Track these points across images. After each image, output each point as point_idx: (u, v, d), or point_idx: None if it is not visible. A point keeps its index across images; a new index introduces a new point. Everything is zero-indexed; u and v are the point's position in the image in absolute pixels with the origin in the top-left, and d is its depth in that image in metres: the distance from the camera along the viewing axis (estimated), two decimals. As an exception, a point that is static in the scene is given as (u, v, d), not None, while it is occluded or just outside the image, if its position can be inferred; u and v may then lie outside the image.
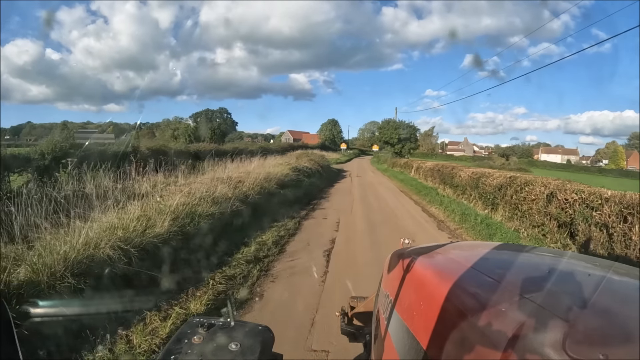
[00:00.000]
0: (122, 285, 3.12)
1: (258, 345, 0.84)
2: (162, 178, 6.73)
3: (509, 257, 1.27)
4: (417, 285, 1.05)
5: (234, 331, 0.88)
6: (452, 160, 41.04)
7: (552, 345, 0.58)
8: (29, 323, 1.87)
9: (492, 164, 39.67)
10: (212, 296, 3.54)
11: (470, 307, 0.81)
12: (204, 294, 3.54)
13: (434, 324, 0.82)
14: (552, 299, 0.75)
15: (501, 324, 0.69)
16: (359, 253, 5.52)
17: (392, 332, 1.05)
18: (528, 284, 0.85)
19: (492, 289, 0.86)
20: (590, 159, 69.59)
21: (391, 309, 1.09)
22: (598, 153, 72.32)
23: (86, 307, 2.65)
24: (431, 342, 0.81)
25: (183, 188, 5.85)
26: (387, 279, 1.31)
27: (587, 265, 1.09)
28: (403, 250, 1.36)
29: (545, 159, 66.60)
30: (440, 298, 0.86)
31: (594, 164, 64.93)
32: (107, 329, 2.61)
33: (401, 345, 0.96)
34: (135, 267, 3.31)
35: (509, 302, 0.77)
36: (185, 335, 0.85)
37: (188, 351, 0.80)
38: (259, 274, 4.32)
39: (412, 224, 8.13)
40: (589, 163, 66.35)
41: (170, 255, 3.79)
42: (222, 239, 4.99)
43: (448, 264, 1.18)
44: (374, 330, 1.34)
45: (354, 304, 1.93)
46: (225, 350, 0.81)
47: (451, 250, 1.37)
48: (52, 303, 2.41)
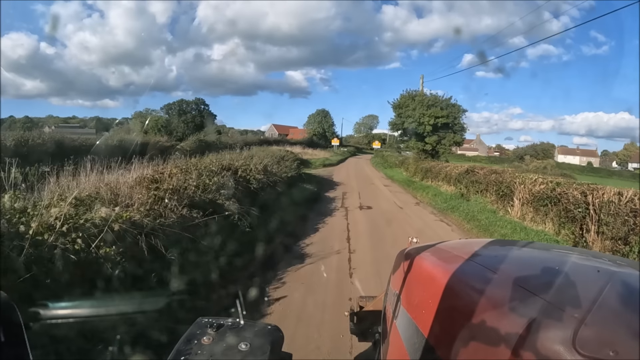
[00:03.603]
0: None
1: (268, 345, 0.84)
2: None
3: (518, 254, 1.23)
4: (426, 283, 1.04)
5: (243, 331, 0.88)
6: (464, 161, 33.18)
7: (562, 342, 0.58)
8: (39, 325, 1.75)
9: (526, 167, 32.54)
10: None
11: (479, 305, 0.78)
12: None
13: (442, 322, 0.83)
14: (562, 295, 0.74)
15: (511, 321, 0.68)
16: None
17: (401, 330, 1.04)
18: (537, 280, 0.85)
19: (501, 286, 0.84)
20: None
21: (400, 307, 1.10)
22: (616, 155, 67.42)
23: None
24: (440, 340, 0.81)
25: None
26: (396, 278, 1.31)
27: (596, 261, 1.07)
28: (411, 249, 1.35)
29: (563, 161, 60.69)
30: (448, 296, 0.86)
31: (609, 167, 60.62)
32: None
33: (410, 344, 0.95)
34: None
35: (518, 299, 0.75)
36: (194, 336, 0.85)
37: (198, 352, 0.81)
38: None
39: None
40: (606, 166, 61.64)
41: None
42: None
43: (456, 262, 1.07)
44: (382, 329, 1.34)
45: (363, 303, 1.92)
46: (235, 350, 0.81)
47: (459, 247, 1.33)
48: (63, 305, 2.14)
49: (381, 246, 5.88)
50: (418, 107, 18.73)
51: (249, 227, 5.26)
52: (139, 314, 2.40)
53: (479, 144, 61.52)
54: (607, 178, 40.11)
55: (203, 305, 3.24)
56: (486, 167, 11.36)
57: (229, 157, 8.78)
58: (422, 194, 12.41)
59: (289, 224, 6.33)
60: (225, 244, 4.45)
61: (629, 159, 64.07)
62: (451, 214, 9.15)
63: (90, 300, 2.55)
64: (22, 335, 0.63)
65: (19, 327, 0.63)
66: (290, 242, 5.75)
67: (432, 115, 18.27)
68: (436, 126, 18.53)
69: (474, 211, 8.79)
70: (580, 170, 49.05)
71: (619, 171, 54.17)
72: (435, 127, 18.52)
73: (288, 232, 6.02)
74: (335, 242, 6.11)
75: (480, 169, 11.11)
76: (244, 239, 4.97)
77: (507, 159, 53.30)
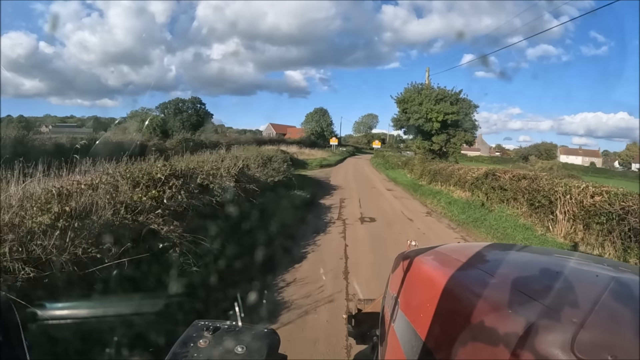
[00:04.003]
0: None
1: (265, 348, 0.83)
2: None
3: (516, 258, 1.22)
4: (424, 286, 1.04)
5: (240, 334, 0.87)
6: (466, 161, 31.64)
7: (561, 347, 0.58)
8: (36, 326, 1.71)
9: (531, 167, 31.05)
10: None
11: (477, 308, 0.77)
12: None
13: (440, 325, 0.82)
14: (561, 299, 0.73)
15: (509, 325, 0.67)
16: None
17: (398, 333, 1.04)
18: (535, 284, 0.84)
19: (500, 290, 0.84)
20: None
21: (398, 310, 1.09)
22: (619, 156, 66.57)
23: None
24: (438, 343, 0.81)
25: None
26: (394, 281, 1.30)
27: (595, 266, 1.05)
28: (409, 252, 1.33)
29: (565, 161, 59.73)
30: (446, 299, 0.86)
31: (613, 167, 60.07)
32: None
33: (408, 347, 0.95)
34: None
35: (516, 303, 0.75)
36: (190, 339, 0.85)
37: (194, 355, 0.80)
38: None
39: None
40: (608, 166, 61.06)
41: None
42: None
43: (455, 265, 1.06)
44: (380, 331, 1.34)
45: (361, 306, 1.93)
46: (231, 354, 0.81)
47: (458, 251, 1.30)
48: (61, 305, 2.11)
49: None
50: (425, 102, 16.53)
51: (196, 265, 3.46)
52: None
53: (481, 143, 59.84)
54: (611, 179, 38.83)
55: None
56: (509, 170, 9.61)
57: (197, 160, 6.98)
58: (432, 201, 10.64)
59: (263, 251, 4.52)
60: (142, 303, 2.65)
61: (632, 159, 63.49)
62: (475, 230, 7.38)
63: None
64: (19, 336, 0.63)
65: (16, 327, 0.63)
66: (260, 283, 3.95)
67: (441, 111, 16.11)
68: (445, 123, 16.45)
69: (504, 227, 7.04)
70: (585, 171, 47.74)
71: (623, 172, 53.07)
72: (444, 124, 16.44)
73: (259, 266, 4.21)
74: (328, 280, 4.31)
75: (503, 172, 9.37)
76: (181, 286, 3.15)
77: (510, 159, 51.85)
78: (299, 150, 29.39)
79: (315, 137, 45.39)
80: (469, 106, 16.77)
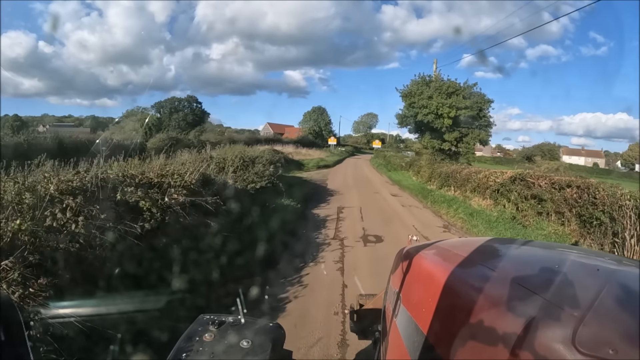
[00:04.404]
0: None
1: (269, 343, 0.83)
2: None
3: (518, 253, 1.19)
4: (426, 281, 1.03)
5: (244, 329, 0.87)
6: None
7: (562, 341, 0.57)
8: (39, 325, 1.73)
9: (537, 168, 29.58)
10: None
11: (479, 303, 0.77)
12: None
13: (442, 320, 0.82)
14: (562, 294, 0.73)
15: (510, 320, 0.67)
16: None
17: (401, 328, 1.04)
18: (537, 279, 0.84)
19: (501, 284, 0.83)
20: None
21: (400, 305, 1.09)
22: (621, 156, 65.45)
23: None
24: (440, 338, 0.80)
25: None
26: (396, 276, 1.29)
27: (597, 260, 1.04)
28: (411, 247, 1.32)
29: (568, 162, 58.74)
30: (448, 294, 0.85)
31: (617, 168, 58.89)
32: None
33: (410, 342, 0.94)
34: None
35: (517, 297, 0.74)
36: (196, 333, 0.85)
37: (199, 349, 0.80)
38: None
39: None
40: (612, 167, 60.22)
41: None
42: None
43: (456, 260, 1.06)
44: (382, 327, 1.32)
45: (363, 301, 1.93)
46: (236, 348, 0.81)
47: (459, 246, 1.31)
48: (64, 304, 2.08)
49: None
50: (435, 95, 14.45)
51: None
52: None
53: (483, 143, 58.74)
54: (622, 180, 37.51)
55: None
56: (545, 174, 7.93)
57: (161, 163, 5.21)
58: (448, 211, 8.91)
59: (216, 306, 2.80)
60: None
61: (635, 159, 62.69)
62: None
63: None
64: (22, 334, 0.63)
65: (19, 326, 0.63)
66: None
67: (454, 106, 14.05)
68: (457, 119, 14.45)
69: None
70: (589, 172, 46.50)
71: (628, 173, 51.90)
72: (455, 120, 14.43)
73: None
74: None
75: (536, 177, 7.69)
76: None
77: (513, 159, 50.37)
78: (295, 150, 27.73)
79: (314, 136, 43.85)
80: (483, 101, 14.85)
